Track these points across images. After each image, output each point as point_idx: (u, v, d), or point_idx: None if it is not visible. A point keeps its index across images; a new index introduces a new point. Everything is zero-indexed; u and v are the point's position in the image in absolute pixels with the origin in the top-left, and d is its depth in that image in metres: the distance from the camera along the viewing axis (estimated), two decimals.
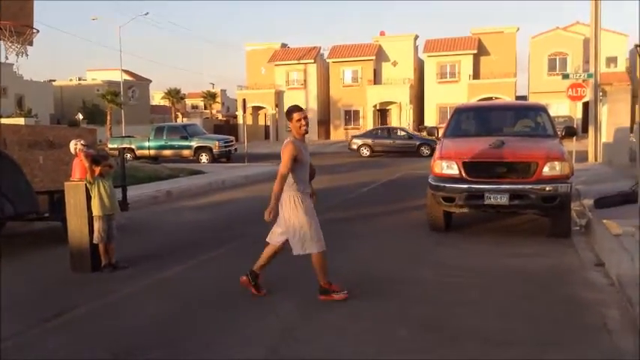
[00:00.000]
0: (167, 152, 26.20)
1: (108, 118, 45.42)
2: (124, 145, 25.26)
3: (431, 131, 10.45)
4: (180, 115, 61.27)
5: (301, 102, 39.05)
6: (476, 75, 44.78)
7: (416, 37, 47.69)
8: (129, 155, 24.79)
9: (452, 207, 8.16)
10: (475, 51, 44.68)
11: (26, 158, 9.50)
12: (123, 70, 49.43)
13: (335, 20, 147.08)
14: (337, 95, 48.02)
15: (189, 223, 10.17)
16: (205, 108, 67.82)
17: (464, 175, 7.88)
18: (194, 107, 77.82)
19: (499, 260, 6.79)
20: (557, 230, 7.95)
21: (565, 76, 20.03)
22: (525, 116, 9.87)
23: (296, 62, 48.47)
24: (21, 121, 21.28)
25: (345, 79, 47.90)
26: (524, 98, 43.77)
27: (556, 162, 7.66)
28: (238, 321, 4.83)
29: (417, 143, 28.76)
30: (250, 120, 47.64)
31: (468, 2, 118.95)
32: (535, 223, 8.72)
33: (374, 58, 46.80)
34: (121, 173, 9.72)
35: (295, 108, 5.32)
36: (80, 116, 46.45)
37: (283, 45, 51.00)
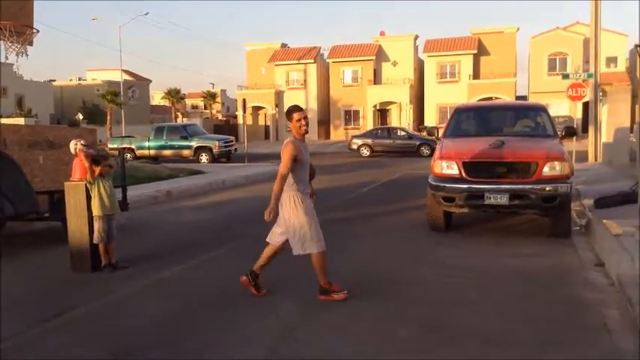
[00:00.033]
0: (167, 152, 26.20)
1: (108, 118, 45.43)
2: (124, 145, 25.27)
3: (431, 131, 10.45)
4: (180, 115, 61.28)
5: (301, 102, 39.05)
6: (476, 75, 44.79)
7: (416, 37, 47.72)
8: (129, 155, 24.79)
9: (452, 207, 8.16)
10: (475, 51, 44.70)
11: (26, 158, 9.50)
12: (123, 70, 49.45)
13: (335, 20, 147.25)
14: (337, 95, 48.04)
15: (189, 223, 10.17)
16: (205, 108, 67.83)
17: (464, 175, 7.88)
18: (194, 107, 77.84)
19: (499, 260, 6.79)
20: (557, 230, 7.95)
21: (565, 76, 20.03)
22: (525, 116, 9.87)
23: (296, 62, 48.48)
24: (21, 121, 21.29)
25: (345, 79, 47.91)
26: (524, 98, 43.78)
27: (556, 162, 7.67)
28: (238, 321, 4.83)
29: (417, 143, 28.75)
30: (250, 120, 47.65)
31: (468, 2, 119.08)
32: (535, 223, 8.72)
33: (374, 58, 46.82)
34: (121, 173, 9.73)
35: (295, 108, 5.32)
36: (80, 116, 46.46)
37: (283, 45, 51.02)
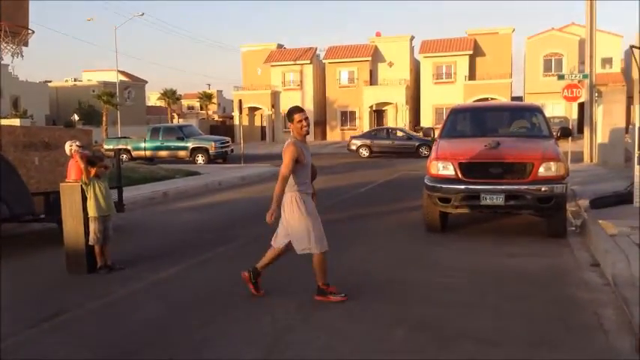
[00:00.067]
0: (163, 153, 26.14)
1: (104, 119, 45.30)
2: (120, 146, 25.22)
3: (427, 132, 10.49)
4: (176, 116, 61.13)
5: (297, 103, 39.02)
6: (472, 76, 44.86)
7: (412, 38, 47.78)
8: (125, 156, 24.76)
9: (448, 208, 8.17)
10: (471, 52, 44.77)
11: (22, 159, 9.46)
12: (119, 71, 49.34)
13: (331, 21, 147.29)
14: (333, 96, 48.04)
15: (185, 224, 10.15)
16: (201, 109, 67.65)
17: (460, 176, 7.90)
18: (190, 108, 77.70)
19: (495, 260, 6.81)
20: (552, 230, 7.98)
21: (560, 77, 20.05)
22: (521, 117, 9.90)
23: (292, 63, 48.46)
24: (16, 122, 21.25)
25: (342, 80, 47.93)
26: (519, 99, 43.90)
27: (551, 162, 7.69)
28: (235, 322, 4.83)
29: (416, 144, 28.61)
30: (246, 121, 47.54)
31: (464, 3, 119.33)
32: (531, 224, 8.74)
33: (370, 59, 46.84)
34: (117, 174, 9.72)
35: (296, 109, 5.32)
36: (76, 117, 46.25)
37: (279, 46, 51.01)
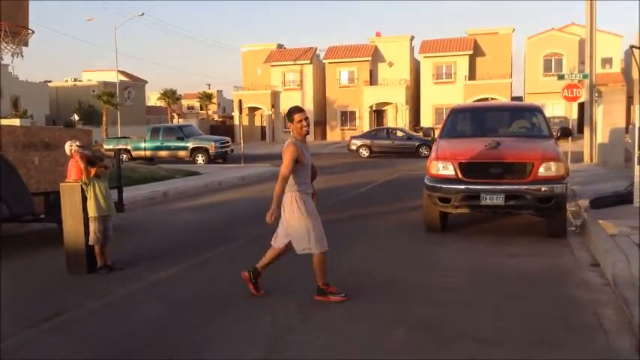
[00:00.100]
0: (163, 153, 26.14)
1: (104, 119, 45.30)
2: (120, 146, 25.23)
3: (427, 132, 10.49)
4: (176, 116, 61.11)
5: (297, 103, 39.02)
6: (472, 76, 44.86)
7: (412, 38, 47.77)
8: (125, 156, 24.76)
9: (448, 208, 8.17)
10: (471, 52, 44.77)
11: (22, 159, 9.46)
12: (119, 71, 49.34)
13: (331, 21, 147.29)
14: (333, 96, 48.04)
15: (185, 225, 10.15)
16: (201, 109, 67.64)
17: (460, 176, 7.90)
18: (190, 108, 77.68)
19: (495, 260, 6.81)
20: (552, 230, 7.98)
21: (560, 77, 20.05)
22: (521, 117, 9.90)
23: (292, 63, 48.45)
24: (16, 122, 21.25)
25: (342, 80, 47.92)
26: (519, 99, 43.89)
27: (551, 162, 7.69)
28: (235, 322, 4.83)
29: (416, 144, 28.55)
30: (246, 121, 47.54)
31: (464, 3, 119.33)
32: (531, 224, 8.74)
33: (370, 59, 46.84)
34: (117, 174, 9.71)
35: (296, 109, 5.32)
36: (76, 117, 46.25)
37: (279, 46, 51.00)
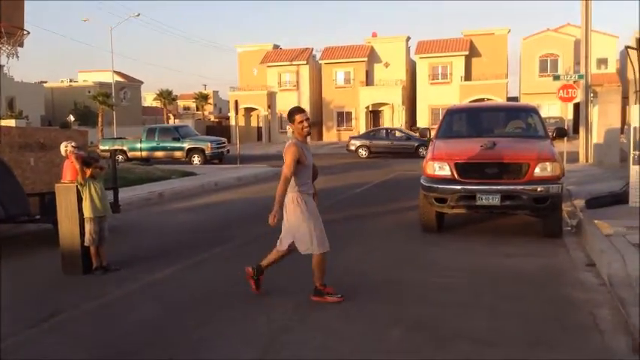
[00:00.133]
0: (159, 154, 26.07)
1: (99, 120, 45.19)
2: (116, 147, 25.22)
3: (423, 132, 10.48)
4: (172, 117, 61.01)
5: (294, 103, 39.00)
6: (467, 76, 44.93)
7: (408, 39, 47.81)
8: (120, 157, 24.71)
9: (444, 208, 8.17)
10: (467, 52, 44.84)
11: (17, 160, 9.45)
12: (114, 72, 49.23)
13: (327, 22, 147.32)
14: (329, 96, 48.04)
15: (181, 225, 10.14)
16: (197, 109, 67.56)
17: (456, 176, 7.90)
18: (186, 109, 77.56)
19: (491, 260, 6.82)
20: (548, 230, 7.99)
21: (556, 78, 20.11)
22: (516, 117, 9.91)
23: (288, 64, 48.45)
24: (12, 123, 21.19)
25: (338, 81, 47.92)
26: (515, 99, 43.98)
27: (547, 163, 7.71)
28: (231, 322, 4.83)
29: (415, 144, 28.45)
30: (242, 121, 47.53)
31: (460, 4, 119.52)
32: (527, 224, 8.75)
33: (366, 60, 46.87)
34: (113, 175, 9.70)
35: (297, 110, 5.32)
36: (71, 118, 46.23)
37: (275, 46, 50.97)
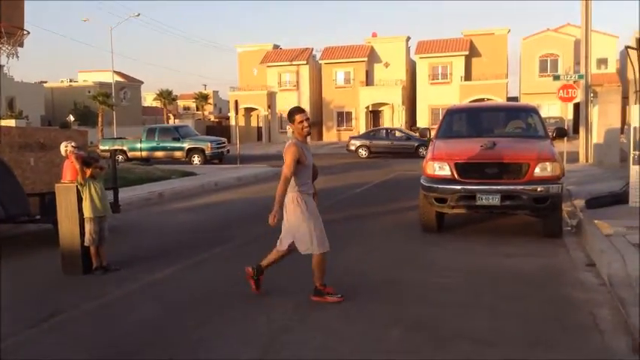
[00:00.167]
0: (159, 154, 26.06)
1: (99, 120, 45.19)
2: (116, 147, 25.22)
3: (423, 132, 10.47)
4: (172, 117, 61.01)
5: (293, 103, 39.01)
6: (467, 76, 44.93)
7: (408, 39, 47.81)
8: (120, 157, 24.71)
9: (444, 208, 8.17)
10: (467, 52, 44.84)
11: (17, 160, 9.45)
12: (114, 72, 49.22)
13: (327, 22, 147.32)
14: (329, 96, 48.04)
15: (181, 225, 10.13)
16: (197, 109, 67.56)
17: (456, 176, 7.90)
18: (186, 109, 77.57)
19: (491, 260, 6.82)
20: (548, 230, 7.99)
21: (556, 78, 20.10)
22: (516, 117, 9.91)
23: (288, 64, 48.44)
24: (12, 123, 21.19)
25: (338, 81, 47.92)
26: (515, 99, 43.98)
27: (547, 163, 7.70)
28: (231, 322, 4.83)
29: (416, 144, 28.41)
30: (242, 121, 47.52)
31: (460, 4, 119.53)
32: (527, 224, 8.75)
33: (366, 60, 46.87)
34: (113, 175, 9.69)
35: (297, 109, 5.32)
36: (71, 118, 46.22)
37: (275, 46, 50.97)
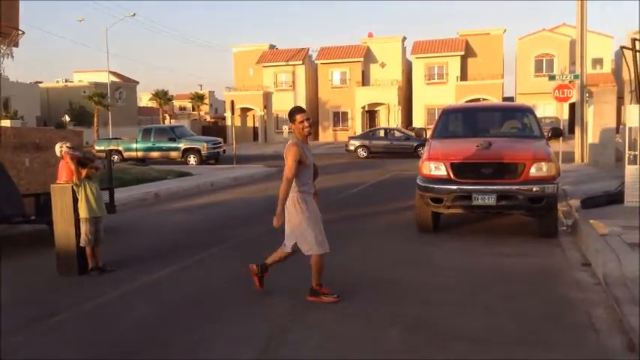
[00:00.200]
0: (155, 154, 26.02)
1: (95, 120, 45.09)
2: (111, 147, 25.12)
3: (419, 132, 10.48)
4: (167, 117, 60.91)
5: (290, 103, 39.02)
6: (463, 76, 44.99)
7: (404, 39, 47.84)
8: (116, 157, 24.66)
9: (440, 208, 8.18)
10: (462, 52, 44.90)
11: (12, 161, 9.40)
12: (110, 72, 49.11)
13: (323, 22, 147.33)
14: (326, 97, 48.02)
15: (177, 226, 10.12)
16: (193, 109, 67.46)
17: (452, 176, 7.91)
18: (182, 109, 77.48)
19: (487, 260, 6.83)
20: (544, 230, 8.01)
21: (551, 78, 20.14)
22: (512, 117, 9.93)
23: (284, 64, 48.39)
24: (7, 124, 21.11)
25: (334, 81, 47.90)
26: (511, 100, 44.07)
27: (543, 163, 7.72)
28: (228, 322, 4.82)
29: (414, 144, 28.29)
30: (239, 121, 47.45)
31: (455, 4, 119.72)
32: (522, 224, 8.77)
33: (362, 60, 46.87)
34: (108, 175, 9.66)
35: (297, 109, 5.32)
36: (67, 118, 46.07)
37: (271, 46, 50.91)
